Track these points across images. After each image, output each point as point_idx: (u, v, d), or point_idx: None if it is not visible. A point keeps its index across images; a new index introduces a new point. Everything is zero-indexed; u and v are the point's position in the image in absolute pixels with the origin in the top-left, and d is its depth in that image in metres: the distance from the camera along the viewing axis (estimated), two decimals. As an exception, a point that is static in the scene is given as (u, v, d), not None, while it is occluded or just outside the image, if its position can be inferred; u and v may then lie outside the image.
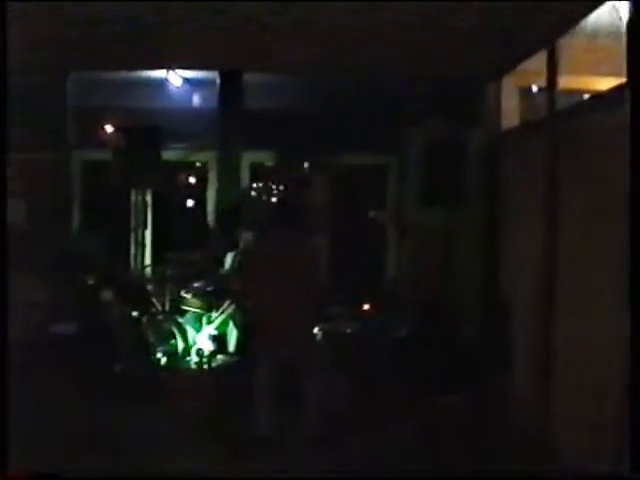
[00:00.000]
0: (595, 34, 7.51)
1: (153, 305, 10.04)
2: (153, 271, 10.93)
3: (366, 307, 9.97)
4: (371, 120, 11.25)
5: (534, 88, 9.65)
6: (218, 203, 11.41)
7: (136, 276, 10.79)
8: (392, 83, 10.83)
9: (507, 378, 8.60)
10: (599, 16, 7.11)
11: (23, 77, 10.30)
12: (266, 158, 12.10)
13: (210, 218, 11.93)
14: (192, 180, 12.78)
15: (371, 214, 12.19)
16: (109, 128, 10.95)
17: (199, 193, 12.47)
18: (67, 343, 9.49)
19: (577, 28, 7.39)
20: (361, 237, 11.98)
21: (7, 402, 5.16)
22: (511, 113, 9.72)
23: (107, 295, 10.23)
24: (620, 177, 5.35)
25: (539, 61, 8.53)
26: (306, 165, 11.96)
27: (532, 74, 9.24)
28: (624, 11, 6.22)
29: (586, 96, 8.62)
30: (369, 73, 10.29)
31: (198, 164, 12.49)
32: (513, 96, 9.78)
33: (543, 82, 9.21)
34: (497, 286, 9.46)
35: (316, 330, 8.50)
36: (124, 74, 11.08)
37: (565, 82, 7.91)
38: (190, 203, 12.76)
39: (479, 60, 9.58)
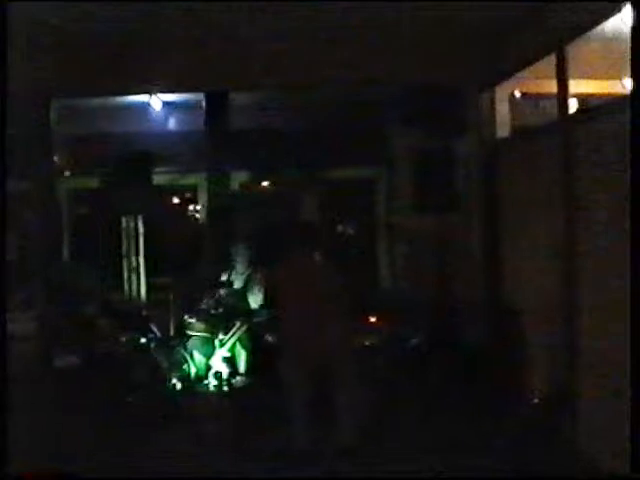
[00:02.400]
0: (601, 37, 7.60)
1: (152, 332, 9.96)
2: (152, 297, 10.84)
3: (372, 319, 9.99)
4: (359, 133, 11.32)
5: (527, 95, 9.83)
6: (210, 224, 11.36)
7: (134, 303, 10.70)
8: (379, 94, 10.87)
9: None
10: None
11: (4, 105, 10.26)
12: (255, 177, 12.10)
13: (204, 240, 11.83)
14: (182, 203, 12.70)
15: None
16: (96, 155, 10.86)
17: (190, 216, 12.40)
18: (72, 375, 9.41)
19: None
20: (357, 249, 12.02)
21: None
22: (504, 120, 9.87)
23: (106, 324, 10.15)
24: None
25: (534, 68, 8.82)
26: (296, 182, 11.98)
27: (527, 80, 9.46)
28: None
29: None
30: (356, 86, 10.34)
31: (187, 187, 12.36)
32: (506, 103, 9.89)
33: (537, 88, 9.64)
34: (500, 287, 9.64)
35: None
36: (105, 100, 11.00)
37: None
38: (181, 226, 12.66)
39: (471, 68, 9.77)
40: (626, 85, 8.81)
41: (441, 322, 9.82)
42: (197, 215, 12.17)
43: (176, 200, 12.74)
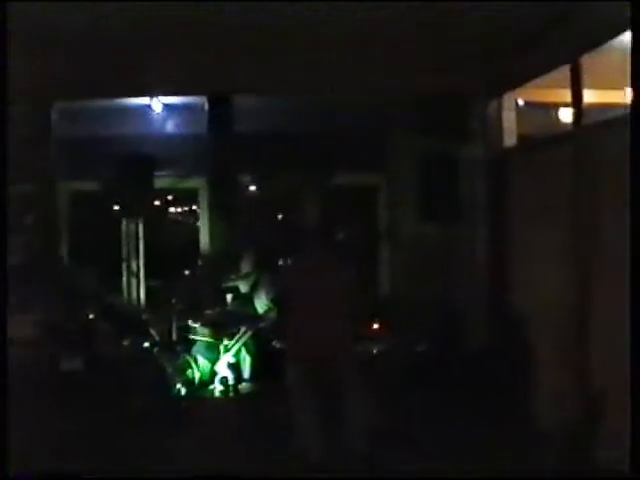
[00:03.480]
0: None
1: (151, 336, 9.92)
2: (153, 301, 10.77)
3: (375, 326, 9.98)
4: (362, 140, 11.30)
5: (534, 104, 9.88)
6: (211, 229, 11.26)
7: (134, 307, 10.63)
8: (384, 100, 10.84)
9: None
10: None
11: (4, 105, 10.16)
12: (257, 182, 12.04)
13: (204, 245, 11.74)
14: (183, 207, 12.64)
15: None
16: (98, 158, 10.75)
17: (191, 220, 12.35)
18: (77, 379, 9.33)
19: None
20: (359, 256, 11.94)
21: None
22: (511, 128, 9.91)
23: (106, 328, 10.08)
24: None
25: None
26: (298, 187, 11.94)
27: (534, 89, 9.51)
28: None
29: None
30: (361, 92, 10.33)
31: (188, 191, 12.27)
32: (513, 111, 9.93)
33: (545, 97, 9.69)
34: (505, 295, 9.71)
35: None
36: (108, 102, 10.92)
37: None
38: (182, 230, 12.61)
39: (478, 76, 9.82)
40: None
41: (444, 329, 9.84)
42: (198, 219, 12.07)
43: (177, 204, 12.65)
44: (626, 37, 6.92)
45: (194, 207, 12.38)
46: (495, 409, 8.53)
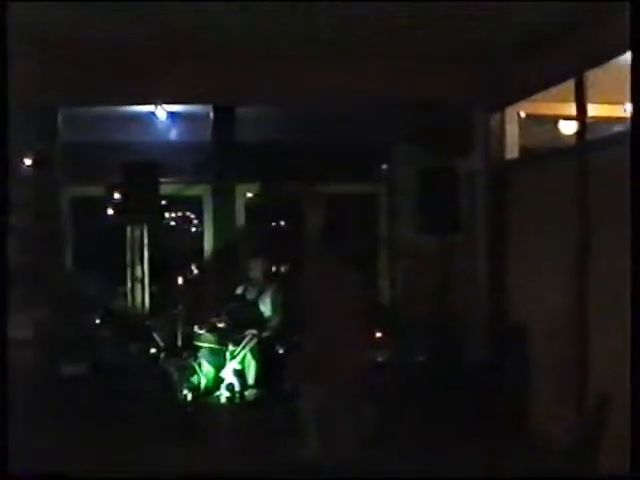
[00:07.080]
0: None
1: (155, 341, 10.00)
2: (157, 307, 10.84)
3: (378, 335, 10.05)
4: (363, 149, 11.43)
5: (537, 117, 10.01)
6: (215, 235, 11.35)
7: (138, 313, 10.70)
8: (386, 111, 10.97)
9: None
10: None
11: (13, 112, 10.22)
12: (259, 190, 12.13)
13: (209, 251, 11.83)
14: (187, 213, 12.73)
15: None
16: (104, 164, 10.84)
17: (194, 227, 12.46)
18: (79, 384, 9.40)
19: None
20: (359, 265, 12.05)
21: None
22: (513, 141, 10.03)
23: (109, 333, 10.17)
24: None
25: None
26: (299, 195, 12.05)
27: (537, 102, 9.63)
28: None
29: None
30: (364, 103, 10.43)
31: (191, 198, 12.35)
32: (515, 124, 10.05)
33: (547, 110, 9.83)
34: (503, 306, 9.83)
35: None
36: (114, 109, 11.02)
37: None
38: (187, 237, 12.68)
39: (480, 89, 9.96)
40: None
41: (443, 340, 9.94)
42: (203, 226, 12.16)
43: (182, 210, 12.75)
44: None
45: (198, 214, 12.43)
46: (494, 420, 8.68)
